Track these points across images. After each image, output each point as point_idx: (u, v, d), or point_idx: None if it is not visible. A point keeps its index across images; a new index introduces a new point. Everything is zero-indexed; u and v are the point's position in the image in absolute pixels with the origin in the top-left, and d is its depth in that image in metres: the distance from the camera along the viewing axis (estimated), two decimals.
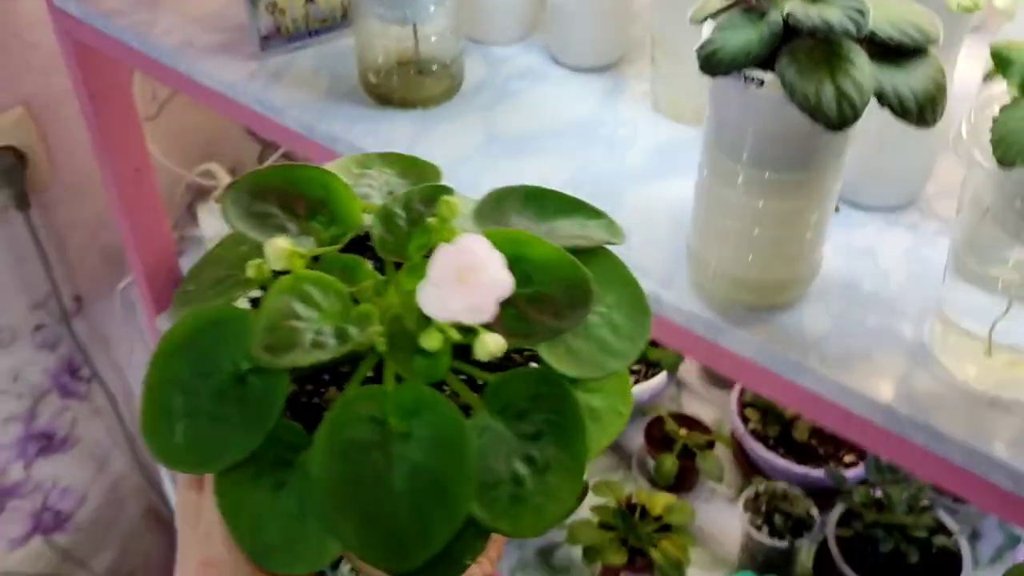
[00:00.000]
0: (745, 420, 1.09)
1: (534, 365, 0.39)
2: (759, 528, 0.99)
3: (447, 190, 0.41)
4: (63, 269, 1.36)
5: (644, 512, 1.01)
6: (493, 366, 0.38)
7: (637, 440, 1.15)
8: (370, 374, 0.38)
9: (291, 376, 0.37)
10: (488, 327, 0.36)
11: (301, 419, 0.37)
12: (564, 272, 0.38)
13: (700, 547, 1.07)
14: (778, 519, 0.99)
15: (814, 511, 1.00)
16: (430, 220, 0.39)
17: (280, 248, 0.37)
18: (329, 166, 0.44)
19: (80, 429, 1.53)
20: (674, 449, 1.07)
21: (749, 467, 1.10)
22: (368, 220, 0.41)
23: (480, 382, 0.39)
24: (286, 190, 0.42)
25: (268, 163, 1.50)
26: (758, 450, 1.06)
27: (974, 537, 1.06)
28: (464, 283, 0.35)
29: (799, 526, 0.99)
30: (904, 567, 0.96)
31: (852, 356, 0.62)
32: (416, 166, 0.46)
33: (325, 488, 0.34)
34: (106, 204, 1.36)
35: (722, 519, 1.10)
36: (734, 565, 1.05)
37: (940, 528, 0.98)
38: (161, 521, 1.76)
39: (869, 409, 0.60)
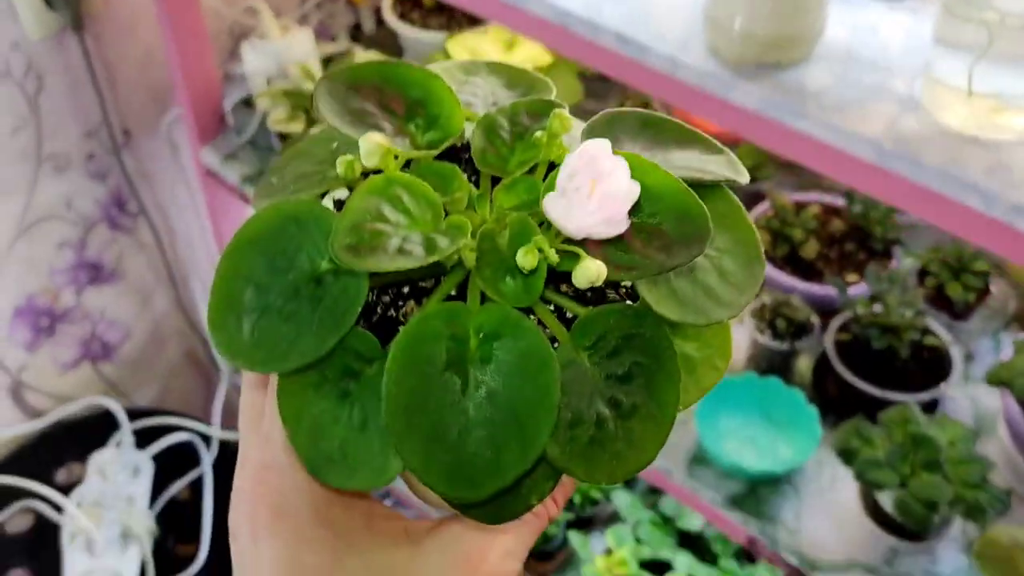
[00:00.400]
0: None
1: (630, 304, 0.36)
2: (763, 332, 1.06)
3: (557, 105, 0.38)
4: (114, 101, 1.44)
5: None
6: (585, 300, 0.36)
7: None
8: (453, 292, 0.36)
9: (370, 283, 0.35)
10: (590, 254, 0.34)
11: (375, 330, 0.36)
12: (680, 204, 0.35)
13: None
14: (780, 323, 1.06)
15: (814, 319, 1.07)
16: (538, 135, 0.37)
17: (375, 143, 0.35)
18: (433, 67, 0.42)
19: (127, 264, 1.62)
20: None
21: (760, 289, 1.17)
22: (468, 129, 0.39)
23: (570, 315, 0.36)
24: (384, 87, 0.39)
25: (306, 7, 1.55)
26: (767, 270, 1.13)
27: (968, 359, 1.13)
28: (596, 193, 0.33)
29: (800, 331, 1.06)
30: (896, 368, 1.02)
31: (848, 105, 0.68)
32: (525, 77, 0.43)
33: (394, 403, 0.33)
34: (155, 39, 1.42)
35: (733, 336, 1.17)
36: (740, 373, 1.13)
37: (932, 334, 1.05)
38: (199, 364, 1.86)
39: (859, 146, 0.66)
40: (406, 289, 0.37)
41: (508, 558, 0.38)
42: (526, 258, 0.33)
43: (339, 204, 0.38)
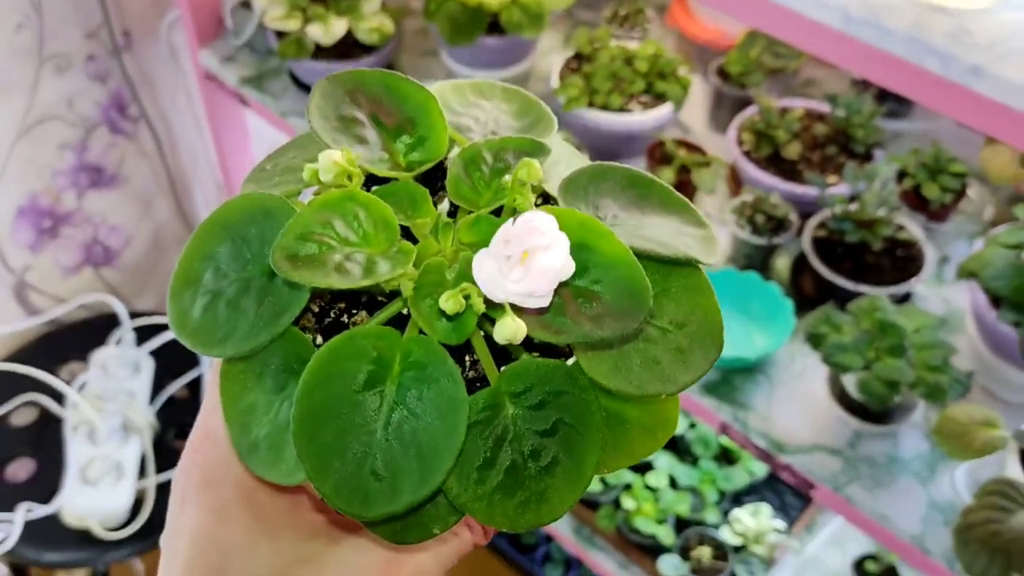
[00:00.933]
0: (741, 143, 1.18)
1: (563, 361, 0.36)
2: (742, 228, 1.09)
3: (543, 149, 0.38)
4: (114, 1, 1.45)
5: None
6: (531, 344, 0.36)
7: (639, 164, 1.25)
8: (405, 311, 0.36)
9: (322, 290, 0.36)
10: (518, 310, 0.34)
11: (327, 333, 0.37)
12: (625, 277, 0.35)
13: None
14: (760, 218, 1.09)
15: (793, 215, 1.10)
16: (505, 179, 0.37)
17: (332, 162, 0.36)
18: (443, 85, 0.42)
19: (128, 168, 1.65)
20: (672, 165, 1.16)
21: (742, 189, 1.20)
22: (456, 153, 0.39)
23: (515, 357, 0.37)
24: (381, 99, 0.39)
25: None
26: (749, 169, 1.15)
27: (943, 261, 1.16)
28: (525, 265, 0.33)
29: (778, 227, 1.09)
30: (869, 265, 1.05)
31: None
32: (534, 110, 0.42)
33: (302, 410, 0.34)
34: None
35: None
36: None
37: (906, 231, 1.08)
38: None
39: (826, 13, 0.68)
40: (364, 298, 0.38)
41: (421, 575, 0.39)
42: (448, 303, 0.33)
43: None
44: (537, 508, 0.35)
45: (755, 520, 1.40)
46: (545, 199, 0.40)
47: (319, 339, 0.37)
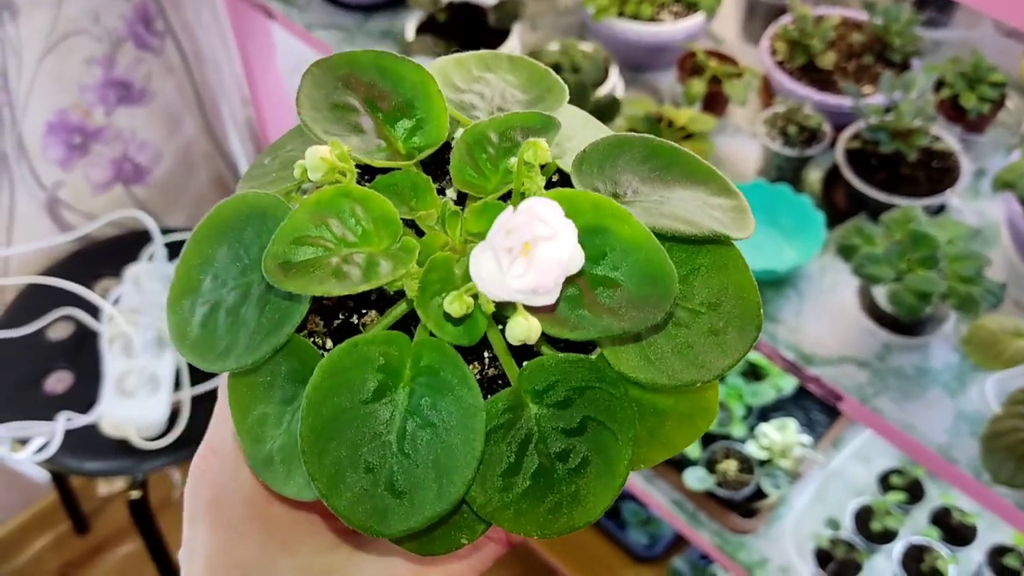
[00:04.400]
0: (774, 53, 1.16)
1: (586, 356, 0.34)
2: (774, 140, 1.07)
3: (552, 124, 0.35)
4: None
5: (670, 123, 1.10)
6: (557, 338, 0.34)
7: (668, 77, 1.23)
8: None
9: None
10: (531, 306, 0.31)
11: (336, 335, 0.35)
12: (647, 263, 0.32)
13: (721, 170, 1.16)
14: (792, 129, 1.07)
15: (826, 126, 1.08)
16: (511, 162, 0.34)
17: (319, 159, 0.33)
18: (445, 60, 0.39)
19: (155, 84, 1.65)
20: (703, 76, 1.14)
21: (774, 100, 1.18)
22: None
23: (538, 351, 0.34)
24: (375, 82, 0.37)
25: None
26: (783, 80, 1.13)
27: (979, 174, 1.14)
28: (528, 258, 0.30)
29: (811, 139, 1.07)
30: (904, 177, 1.04)
31: None
32: (544, 80, 0.39)
33: (308, 427, 0.31)
34: None
35: (744, 151, 1.19)
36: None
37: (942, 141, 1.06)
38: (228, 191, 1.90)
39: None
40: (374, 296, 0.35)
41: None
42: (453, 306, 0.31)
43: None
44: (569, 512, 0.32)
45: (781, 435, 1.41)
46: (562, 177, 0.37)
47: (328, 343, 0.35)
